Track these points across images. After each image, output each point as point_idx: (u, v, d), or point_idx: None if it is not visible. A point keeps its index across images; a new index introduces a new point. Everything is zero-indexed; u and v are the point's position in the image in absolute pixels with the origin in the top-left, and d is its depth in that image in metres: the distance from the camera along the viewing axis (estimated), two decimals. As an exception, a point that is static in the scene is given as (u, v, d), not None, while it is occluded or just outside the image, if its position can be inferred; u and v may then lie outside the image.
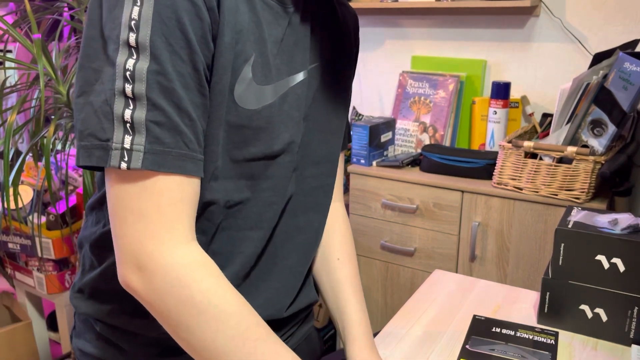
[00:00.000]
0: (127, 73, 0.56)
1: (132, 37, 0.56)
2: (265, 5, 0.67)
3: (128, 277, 0.60)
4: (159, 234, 0.58)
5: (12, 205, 1.67)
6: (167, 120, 0.57)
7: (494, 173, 1.74)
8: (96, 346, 0.76)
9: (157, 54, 0.56)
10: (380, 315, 2.05)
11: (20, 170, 1.54)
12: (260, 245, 0.74)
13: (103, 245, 0.72)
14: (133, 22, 0.55)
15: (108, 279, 0.72)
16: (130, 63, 0.56)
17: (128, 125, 0.56)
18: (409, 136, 2.12)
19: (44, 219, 1.87)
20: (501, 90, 1.91)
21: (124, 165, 0.56)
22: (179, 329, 0.60)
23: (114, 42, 0.56)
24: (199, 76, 0.59)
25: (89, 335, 0.77)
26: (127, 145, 0.56)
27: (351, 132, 2.01)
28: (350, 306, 0.85)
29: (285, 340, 0.83)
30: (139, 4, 0.56)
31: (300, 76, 0.73)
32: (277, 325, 0.80)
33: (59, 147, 1.70)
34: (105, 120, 0.56)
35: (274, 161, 0.72)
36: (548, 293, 0.93)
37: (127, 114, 0.56)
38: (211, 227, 0.70)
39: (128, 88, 0.56)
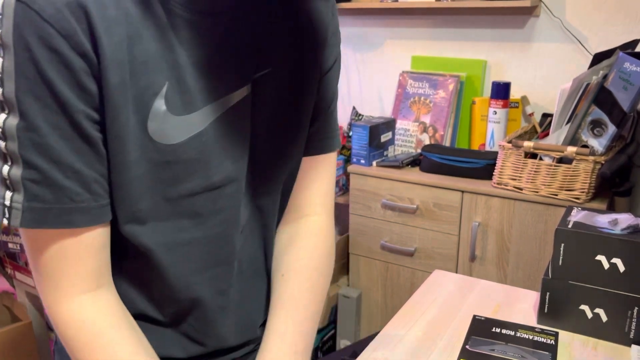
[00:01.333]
0: (0, 130, 0.54)
1: (0, 92, 0.53)
2: (182, 21, 0.59)
3: None
4: (49, 285, 0.60)
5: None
6: (43, 177, 0.55)
7: (494, 173, 1.74)
8: None
9: (24, 110, 0.53)
10: (380, 315, 2.05)
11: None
12: (221, 285, 0.71)
13: None
14: None
15: None
16: (1, 118, 0.54)
17: (7, 182, 0.55)
18: (409, 136, 2.12)
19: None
20: (501, 90, 1.91)
21: (5, 222, 0.56)
22: None
23: None
24: (79, 124, 0.55)
25: None
26: (7, 202, 0.56)
27: (351, 133, 2.01)
28: (270, 330, 0.74)
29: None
30: (2, 54, 0.53)
31: (240, 93, 0.65)
32: (251, 341, 0.79)
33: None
34: None
35: (219, 193, 0.66)
36: (548, 293, 0.93)
37: (5, 170, 0.55)
38: (154, 273, 0.66)
39: (2, 145, 0.54)
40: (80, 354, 0.61)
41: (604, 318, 0.90)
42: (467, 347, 0.88)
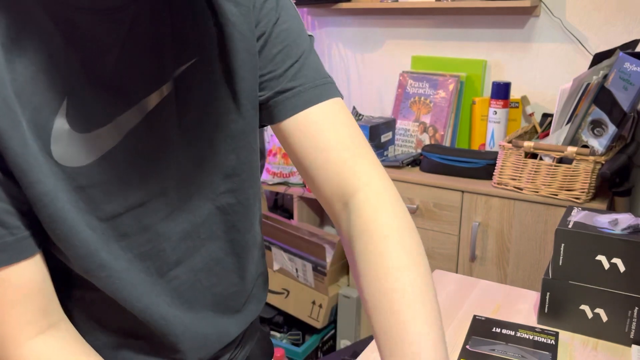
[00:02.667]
0: None
1: None
2: (74, 24, 0.52)
3: None
4: None
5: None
6: None
7: (494, 173, 1.74)
8: None
9: None
10: (380, 315, 2.05)
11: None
12: (172, 295, 0.66)
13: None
14: None
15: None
16: None
17: None
18: (409, 136, 2.12)
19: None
20: (501, 91, 1.91)
21: None
22: None
23: None
24: None
25: None
26: None
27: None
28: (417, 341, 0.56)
29: (239, 349, 0.79)
30: None
31: (159, 94, 0.58)
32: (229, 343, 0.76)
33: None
34: None
35: (144, 210, 0.60)
36: (548, 293, 0.93)
37: None
38: (107, 299, 0.62)
39: None
40: None
41: (604, 318, 0.90)
42: (467, 347, 0.88)
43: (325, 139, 0.64)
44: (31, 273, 0.55)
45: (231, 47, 0.61)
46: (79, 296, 0.64)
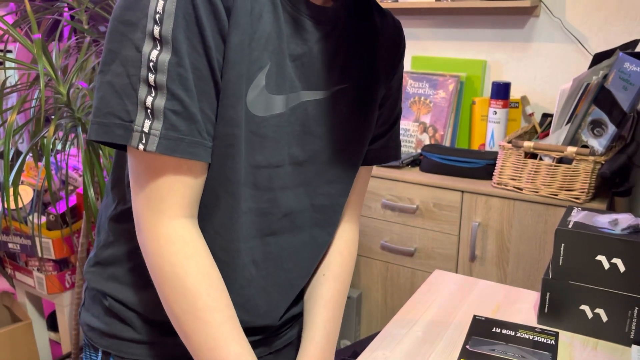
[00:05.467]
0: (151, 64, 0.60)
1: (157, 30, 0.59)
2: (291, 18, 0.68)
3: (137, 237, 0.67)
4: (155, 207, 0.64)
5: (12, 206, 1.67)
6: (183, 109, 0.61)
7: (494, 173, 1.74)
8: (103, 321, 0.77)
9: (177, 48, 0.60)
10: (380, 315, 2.05)
11: (20, 170, 1.54)
12: (258, 256, 0.75)
13: (120, 222, 0.76)
14: (157, 16, 0.59)
15: (122, 254, 0.76)
16: (154, 54, 0.60)
17: (149, 111, 0.60)
18: (409, 136, 2.12)
19: (44, 219, 1.87)
20: (501, 91, 1.91)
21: (141, 147, 0.61)
22: (157, 289, 0.67)
23: (141, 31, 0.59)
24: (212, 70, 0.63)
25: (97, 311, 0.78)
26: (146, 129, 0.60)
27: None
28: (315, 325, 0.82)
29: (272, 344, 0.84)
30: None
31: (317, 94, 0.73)
32: (268, 330, 0.81)
33: (59, 147, 1.70)
34: (129, 102, 0.60)
35: (276, 173, 0.72)
36: (548, 293, 0.93)
37: (149, 100, 0.60)
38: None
39: (151, 77, 0.60)
40: (182, 268, 0.65)
41: (604, 318, 0.90)
42: (467, 347, 0.88)
43: (352, 193, 0.87)
44: (199, 172, 0.66)
45: (376, 82, 0.80)
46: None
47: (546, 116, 1.93)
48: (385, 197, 1.91)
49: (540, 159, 1.63)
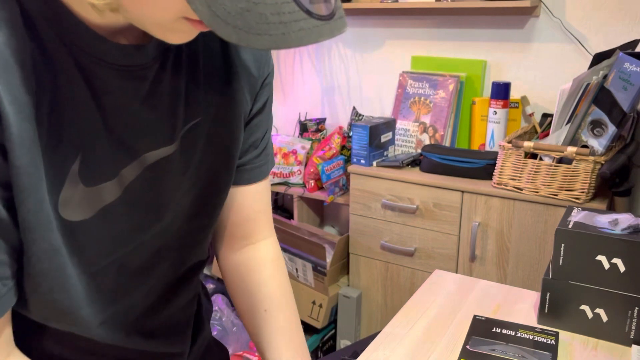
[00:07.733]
0: None
1: None
2: (102, 81, 0.53)
3: None
4: None
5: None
6: None
7: (494, 173, 1.74)
8: None
9: None
10: (380, 315, 2.05)
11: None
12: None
13: None
14: None
15: None
16: None
17: None
18: (409, 136, 2.12)
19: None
20: (501, 91, 1.91)
21: None
22: None
23: None
24: None
25: None
26: None
27: (351, 133, 2.01)
28: None
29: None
30: None
31: (165, 151, 0.60)
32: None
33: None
34: None
35: (117, 268, 0.63)
36: (548, 293, 0.93)
37: None
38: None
39: None
40: None
41: (605, 318, 0.90)
42: (467, 347, 0.88)
43: (258, 213, 0.81)
44: (7, 314, 0.56)
45: (236, 112, 0.68)
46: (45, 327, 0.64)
47: (546, 116, 1.93)
48: (385, 197, 1.91)
49: (540, 159, 1.63)
